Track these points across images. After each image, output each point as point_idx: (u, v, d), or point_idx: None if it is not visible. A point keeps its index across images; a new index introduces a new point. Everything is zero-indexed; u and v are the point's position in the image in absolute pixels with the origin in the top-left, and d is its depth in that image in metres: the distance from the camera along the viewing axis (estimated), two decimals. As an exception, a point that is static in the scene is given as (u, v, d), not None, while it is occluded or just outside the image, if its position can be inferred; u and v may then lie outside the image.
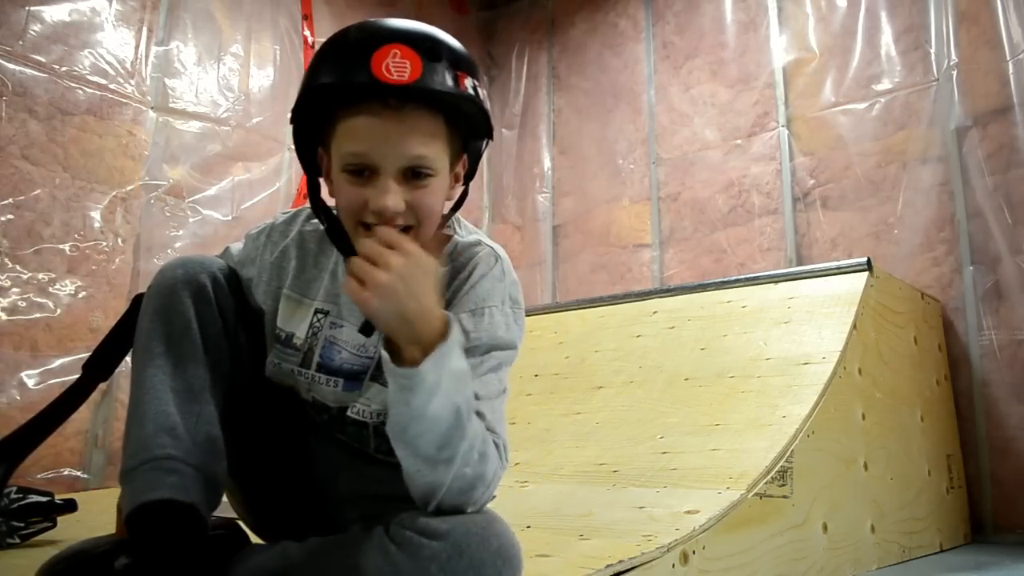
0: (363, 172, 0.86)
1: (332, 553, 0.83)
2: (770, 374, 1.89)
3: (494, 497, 0.97)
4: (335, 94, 0.87)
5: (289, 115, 0.94)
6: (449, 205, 0.97)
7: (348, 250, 0.92)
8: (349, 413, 0.99)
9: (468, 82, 0.88)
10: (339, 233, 0.93)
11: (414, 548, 0.78)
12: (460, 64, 0.87)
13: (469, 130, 0.95)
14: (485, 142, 0.99)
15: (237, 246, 1.07)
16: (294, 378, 1.01)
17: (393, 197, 0.85)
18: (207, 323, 0.92)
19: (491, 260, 0.96)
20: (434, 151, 0.88)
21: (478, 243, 0.98)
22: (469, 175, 0.99)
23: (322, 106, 0.89)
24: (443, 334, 0.79)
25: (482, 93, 0.91)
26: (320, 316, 0.99)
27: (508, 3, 4.15)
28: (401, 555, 0.79)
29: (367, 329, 0.92)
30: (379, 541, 0.80)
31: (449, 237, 0.99)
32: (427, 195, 0.88)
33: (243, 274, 1.04)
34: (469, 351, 0.86)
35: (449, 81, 0.85)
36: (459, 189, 0.99)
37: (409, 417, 0.78)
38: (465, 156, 0.97)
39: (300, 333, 0.99)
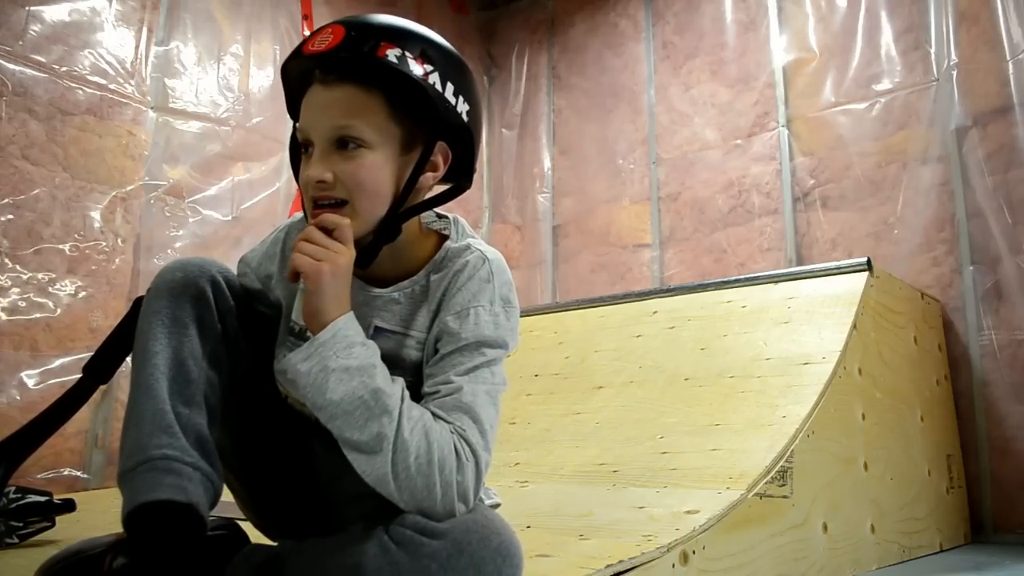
0: (307, 148, 0.92)
1: (332, 552, 0.83)
2: (770, 374, 1.89)
3: (498, 504, 0.97)
4: (295, 80, 0.95)
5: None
6: (429, 194, 0.97)
7: None
8: None
9: (391, 51, 0.87)
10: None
11: (414, 546, 0.79)
12: (390, 36, 0.88)
13: (424, 114, 0.91)
14: (474, 135, 0.96)
15: (255, 250, 1.09)
16: None
17: (316, 167, 0.89)
18: (206, 325, 0.92)
19: (478, 263, 0.96)
20: (365, 123, 0.89)
21: (467, 248, 0.98)
22: (461, 170, 0.98)
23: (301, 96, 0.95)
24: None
25: (416, 67, 0.88)
26: None
27: (508, 3, 4.15)
28: (401, 553, 0.79)
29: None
30: (379, 540, 0.80)
31: (444, 240, 1.00)
32: (357, 168, 0.89)
33: (263, 271, 1.05)
34: (458, 350, 0.91)
35: (366, 49, 0.87)
36: (437, 180, 0.96)
37: (313, 405, 0.84)
38: (445, 145, 0.94)
39: None
